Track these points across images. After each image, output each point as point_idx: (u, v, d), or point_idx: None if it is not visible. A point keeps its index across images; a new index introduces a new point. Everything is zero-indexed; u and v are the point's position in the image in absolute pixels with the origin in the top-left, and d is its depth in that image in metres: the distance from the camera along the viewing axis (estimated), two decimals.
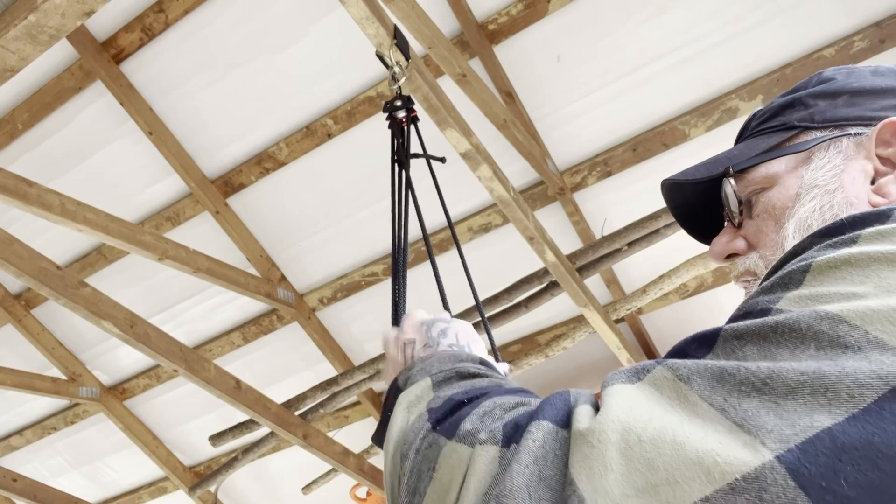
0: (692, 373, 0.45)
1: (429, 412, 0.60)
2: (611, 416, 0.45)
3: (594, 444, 0.44)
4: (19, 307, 4.56)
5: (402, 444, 0.60)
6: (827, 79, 0.79)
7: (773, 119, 0.80)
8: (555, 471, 0.46)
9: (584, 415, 0.48)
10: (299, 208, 3.88)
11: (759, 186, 0.76)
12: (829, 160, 0.73)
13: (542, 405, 0.52)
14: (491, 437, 0.51)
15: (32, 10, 1.52)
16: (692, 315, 3.85)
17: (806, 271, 0.50)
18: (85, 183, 3.83)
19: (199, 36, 3.42)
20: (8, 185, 2.49)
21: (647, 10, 3.05)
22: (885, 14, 2.89)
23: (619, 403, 0.46)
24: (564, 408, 0.50)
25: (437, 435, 0.56)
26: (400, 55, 1.86)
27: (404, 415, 0.63)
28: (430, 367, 0.70)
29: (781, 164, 0.76)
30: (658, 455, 0.42)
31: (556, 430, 0.48)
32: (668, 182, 0.86)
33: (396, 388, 0.72)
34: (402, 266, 1.22)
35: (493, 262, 3.67)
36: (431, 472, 0.54)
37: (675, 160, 3.33)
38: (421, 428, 0.59)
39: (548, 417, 0.50)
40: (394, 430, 0.63)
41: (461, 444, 0.53)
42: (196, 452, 5.07)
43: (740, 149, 0.81)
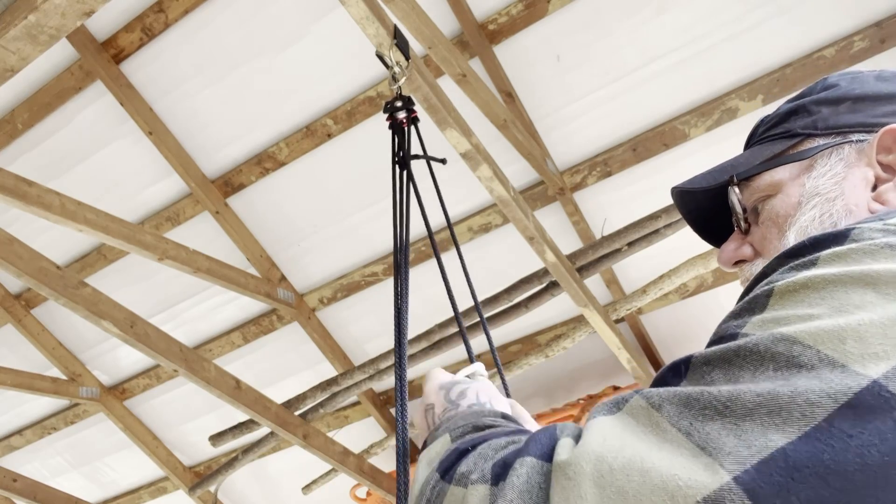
0: (663, 400, 0.47)
1: (439, 464, 0.62)
2: (586, 447, 0.47)
3: (570, 476, 0.46)
4: (19, 307, 4.56)
5: (419, 498, 0.62)
6: (831, 85, 0.80)
7: (778, 126, 0.81)
8: None
9: (563, 447, 0.50)
10: (299, 208, 3.87)
11: (764, 194, 0.77)
12: (830, 168, 0.73)
13: (527, 441, 0.54)
14: (481, 476, 0.54)
15: (32, 10, 1.52)
16: (692, 315, 3.85)
17: (769, 295, 0.52)
18: (85, 183, 3.83)
19: (199, 36, 3.42)
20: (8, 185, 2.48)
21: (647, 10, 3.05)
22: (885, 14, 2.89)
23: (594, 435, 0.48)
24: (549, 442, 0.52)
25: (444, 483, 0.59)
26: (400, 55, 1.86)
27: (424, 471, 0.66)
28: (452, 426, 0.71)
29: (785, 172, 0.76)
30: (627, 482, 0.43)
31: (540, 465, 0.50)
32: (678, 189, 0.87)
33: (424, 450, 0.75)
34: (403, 266, 1.22)
35: (493, 262, 3.67)
36: None
37: (675, 160, 3.33)
38: (431, 479, 0.61)
39: (532, 453, 0.51)
40: (416, 485, 0.65)
41: (457, 487, 0.56)
42: (196, 452, 5.07)
43: (746, 156, 0.82)
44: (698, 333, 3.87)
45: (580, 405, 3.93)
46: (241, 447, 4.34)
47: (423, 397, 0.87)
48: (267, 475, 5.10)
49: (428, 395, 0.86)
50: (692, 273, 3.17)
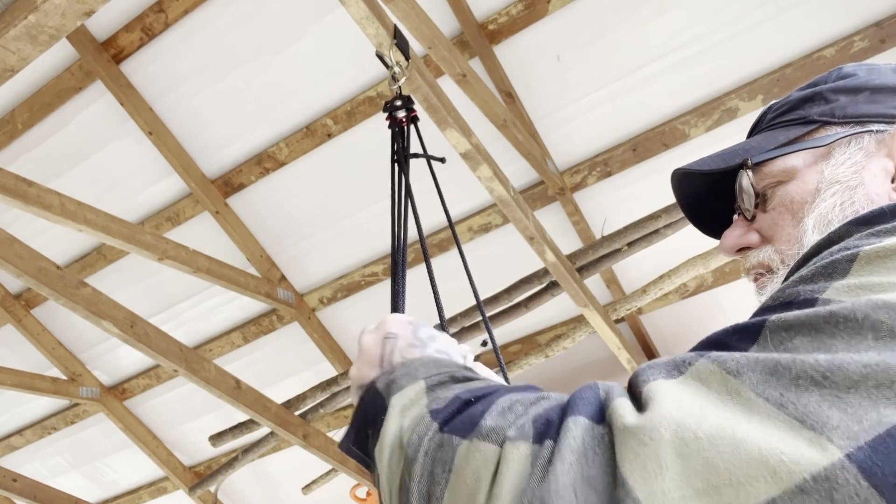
0: (742, 366, 0.43)
1: (431, 413, 0.56)
2: (662, 412, 0.43)
3: (646, 442, 0.42)
4: (19, 307, 4.56)
5: (404, 448, 0.56)
6: (848, 74, 0.78)
7: (791, 112, 0.79)
8: (598, 470, 0.43)
9: (625, 409, 0.45)
10: (299, 208, 3.88)
11: (776, 180, 0.76)
12: (849, 156, 0.72)
13: (573, 399, 0.49)
14: (521, 433, 0.48)
15: (32, 10, 1.52)
16: (692, 315, 3.85)
17: (852, 260, 0.48)
18: (85, 183, 3.83)
19: (199, 36, 3.42)
20: (8, 185, 2.49)
21: (647, 10, 3.05)
22: (885, 14, 2.89)
23: (667, 399, 0.44)
24: (596, 402, 0.48)
25: (447, 435, 0.53)
26: (400, 55, 1.86)
27: (398, 419, 0.59)
28: (417, 372, 0.65)
29: (800, 159, 0.75)
30: (717, 454, 0.40)
31: (591, 426, 0.46)
32: (681, 171, 0.84)
33: (374, 391, 0.66)
34: (401, 266, 1.22)
35: (493, 262, 3.67)
36: (447, 473, 0.50)
37: (675, 160, 3.33)
38: (426, 429, 0.55)
39: (582, 413, 0.47)
40: (388, 435, 0.59)
41: (485, 442, 0.50)
42: (196, 452, 5.07)
43: (758, 141, 0.79)
44: (698, 333, 3.87)
45: None
46: (241, 447, 4.34)
47: (382, 324, 0.77)
48: (267, 475, 5.10)
49: (390, 323, 0.77)
50: (692, 273, 3.17)
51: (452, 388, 0.60)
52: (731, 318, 3.74)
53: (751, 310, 0.86)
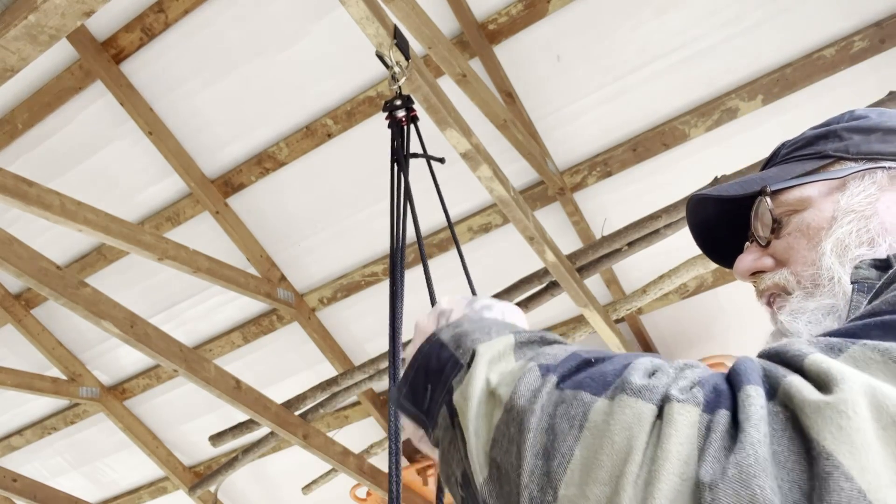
0: None
1: (541, 367, 0.51)
2: (856, 387, 0.40)
3: (851, 416, 0.39)
4: (19, 307, 4.56)
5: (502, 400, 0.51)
6: (860, 116, 0.83)
7: (806, 148, 0.84)
8: (782, 446, 0.41)
9: (805, 385, 0.42)
10: (299, 208, 3.87)
11: (792, 208, 0.80)
12: (864, 189, 0.76)
13: (739, 369, 0.46)
14: (689, 396, 0.44)
15: (32, 10, 1.52)
16: (692, 315, 3.85)
17: None
18: (85, 183, 3.83)
19: (199, 36, 3.42)
20: (8, 185, 2.49)
21: (647, 11, 3.05)
22: (885, 14, 2.88)
23: (850, 375, 0.41)
24: (762, 375, 0.45)
25: (572, 391, 0.48)
26: (400, 55, 1.86)
27: (485, 370, 0.54)
28: (491, 329, 0.60)
29: (815, 189, 0.79)
30: None
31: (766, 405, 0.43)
32: (698, 197, 0.87)
33: (438, 342, 0.62)
34: (400, 265, 1.22)
35: (493, 262, 3.67)
36: (577, 430, 0.46)
37: (675, 160, 3.33)
38: (539, 384, 0.50)
39: (755, 382, 0.44)
40: (474, 387, 0.53)
41: (635, 399, 0.45)
42: (196, 452, 5.07)
43: (774, 172, 0.84)
44: (698, 333, 3.87)
45: None
46: (241, 447, 4.34)
47: (437, 305, 0.75)
48: (267, 475, 5.10)
49: (443, 302, 0.74)
50: (692, 273, 3.17)
51: (553, 347, 0.56)
52: (731, 318, 3.74)
53: (751, 309, 0.86)
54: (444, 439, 0.57)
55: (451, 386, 0.56)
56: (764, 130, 3.13)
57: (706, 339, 3.85)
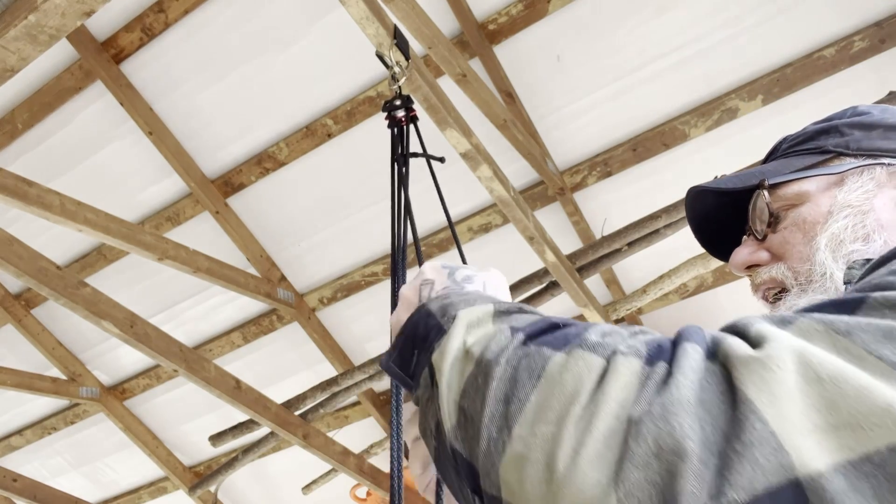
0: (851, 328, 0.44)
1: (511, 329, 0.55)
2: (784, 345, 0.43)
3: (773, 370, 0.42)
4: (19, 307, 4.56)
5: (473, 356, 0.55)
6: (862, 112, 0.84)
7: (807, 142, 0.85)
8: (713, 395, 0.43)
9: (743, 343, 0.45)
10: (299, 208, 3.88)
11: (790, 203, 0.80)
12: (861, 185, 0.77)
13: (684, 332, 0.49)
14: (632, 350, 0.48)
15: (32, 10, 1.52)
16: (692, 315, 3.85)
17: None
18: (85, 183, 3.83)
19: (199, 36, 3.42)
20: (8, 185, 2.49)
21: (647, 10, 3.05)
22: (885, 14, 2.88)
23: (786, 338, 0.44)
24: (707, 339, 0.48)
25: (536, 347, 0.52)
26: (400, 55, 1.86)
27: (462, 333, 0.58)
28: (475, 300, 0.64)
29: (813, 184, 0.80)
30: (840, 397, 0.40)
31: (705, 364, 0.46)
32: (696, 190, 0.88)
33: (426, 311, 0.65)
34: (401, 266, 1.22)
35: (493, 262, 3.66)
36: (535, 379, 0.49)
37: (675, 160, 3.33)
38: (507, 341, 0.54)
39: (695, 340, 0.47)
40: (451, 346, 0.58)
41: (589, 353, 0.49)
42: (196, 452, 5.07)
43: (774, 166, 0.85)
44: None
45: None
46: (241, 447, 4.34)
47: (419, 274, 0.78)
48: (267, 475, 5.10)
49: (426, 271, 0.77)
50: (692, 273, 3.17)
51: (528, 315, 0.59)
52: (731, 318, 3.73)
53: (750, 309, 0.86)
54: (423, 396, 0.61)
55: (433, 347, 0.60)
56: (764, 130, 3.13)
57: None
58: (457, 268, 0.78)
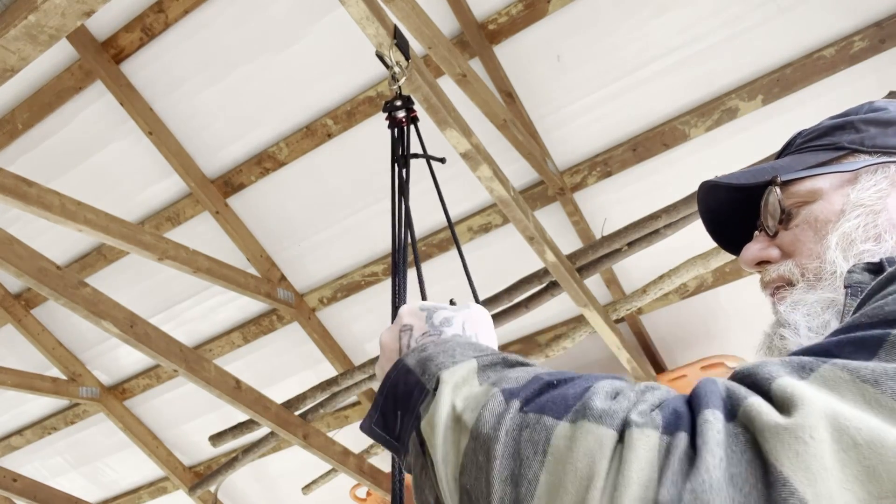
0: (878, 375, 0.42)
1: (504, 392, 0.52)
2: (816, 411, 0.40)
3: (807, 441, 0.39)
4: (19, 307, 4.56)
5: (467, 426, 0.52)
6: (879, 108, 0.83)
7: (821, 138, 0.83)
8: (741, 468, 0.41)
9: (767, 407, 0.43)
10: (299, 208, 3.88)
11: (802, 200, 0.79)
12: (875, 183, 0.76)
13: (701, 392, 0.46)
14: (647, 420, 0.45)
15: (32, 10, 1.52)
16: (692, 315, 3.85)
17: None
18: (85, 183, 3.83)
19: (199, 36, 3.41)
20: (8, 185, 2.49)
21: (647, 10, 3.05)
22: (885, 14, 2.88)
23: (815, 399, 0.41)
24: (724, 397, 0.45)
25: (534, 415, 0.49)
26: (400, 55, 1.86)
27: (450, 396, 0.55)
28: (455, 351, 0.62)
29: (826, 181, 0.78)
30: (880, 463, 0.38)
31: (726, 426, 0.43)
32: (709, 184, 0.88)
33: (405, 368, 0.63)
34: (401, 266, 1.22)
35: (493, 262, 3.67)
36: (541, 455, 0.46)
37: (675, 160, 3.33)
38: (503, 408, 0.51)
39: (717, 407, 0.44)
40: (440, 414, 0.55)
41: (597, 425, 0.46)
42: (196, 452, 5.07)
43: (787, 161, 0.83)
44: (698, 333, 3.87)
45: None
46: (241, 447, 4.34)
47: (398, 319, 0.77)
48: (267, 475, 5.10)
49: (404, 316, 0.76)
50: (692, 273, 3.17)
51: (515, 369, 0.57)
52: (731, 318, 3.74)
53: (751, 309, 0.86)
54: (415, 465, 0.59)
55: (419, 412, 0.57)
56: (764, 130, 3.13)
57: (706, 339, 3.84)
58: (435, 309, 0.76)
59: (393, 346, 0.74)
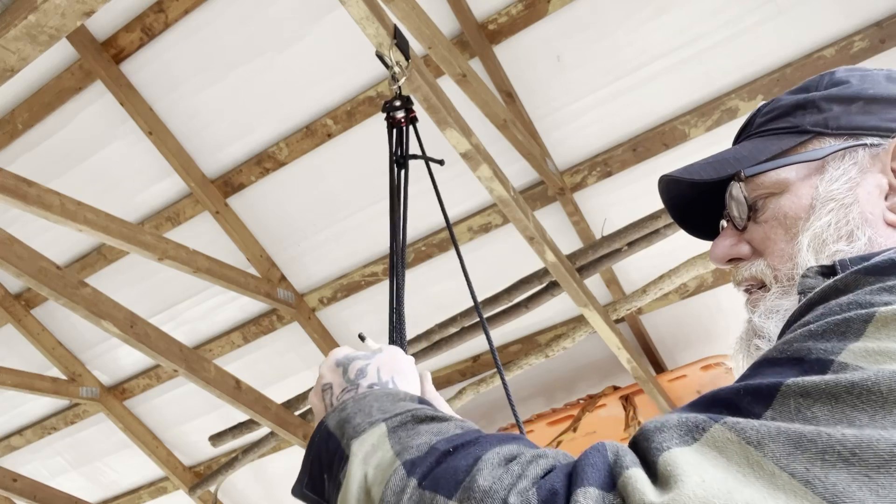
0: (763, 437, 0.41)
1: (406, 465, 0.53)
2: (686, 490, 0.40)
3: None
4: (19, 307, 4.56)
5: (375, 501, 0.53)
6: (840, 81, 0.77)
7: (782, 119, 0.78)
8: None
9: (643, 483, 0.43)
10: (299, 208, 3.88)
11: (768, 191, 0.75)
12: (844, 171, 0.71)
13: (580, 466, 0.46)
14: (523, 501, 0.45)
15: (32, 10, 1.52)
16: (692, 315, 3.85)
17: (868, 321, 0.46)
18: (85, 183, 3.83)
19: (199, 36, 3.42)
20: (8, 185, 2.49)
21: (647, 10, 3.05)
22: (885, 14, 2.88)
23: (690, 474, 0.41)
24: (605, 467, 0.45)
25: (429, 493, 0.50)
26: (400, 55, 1.86)
27: (361, 467, 0.56)
28: (371, 410, 0.63)
29: (792, 171, 0.74)
30: None
31: (602, 497, 0.43)
32: (668, 178, 0.84)
33: (326, 430, 0.64)
34: (400, 266, 1.22)
35: (493, 262, 3.67)
36: None
37: (675, 160, 3.33)
38: (402, 485, 0.52)
39: (592, 482, 0.44)
40: (352, 486, 0.56)
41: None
42: (196, 452, 5.07)
43: (749, 149, 0.78)
44: (698, 333, 3.87)
45: (580, 405, 3.93)
46: (241, 447, 4.34)
47: (319, 377, 0.78)
48: (267, 475, 5.10)
49: (324, 374, 0.77)
50: (692, 273, 3.17)
51: (420, 433, 0.57)
52: (731, 318, 3.74)
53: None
54: None
55: (339, 481, 0.59)
56: None
57: (706, 339, 3.85)
58: (350, 361, 0.77)
59: (319, 408, 0.75)
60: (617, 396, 3.88)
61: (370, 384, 0.73)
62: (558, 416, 3.98)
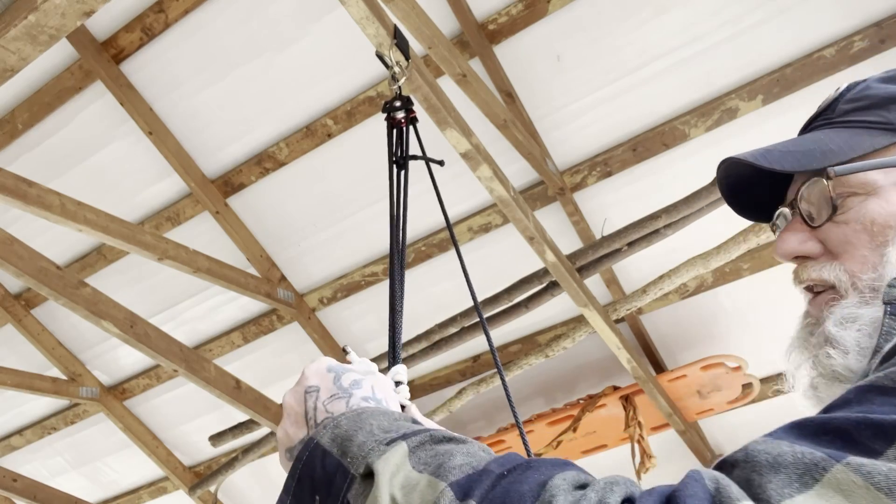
0: (893, 482, 0.38)
1: (453, 487, 0.49)
2: None
3: None
4: (19, 307, 4.56)
5: None
6: None
7: (873, 111, 0.71)
8: None
9: None
10: (299, 208, 3.87)
11: (853, 191, 0.68)
12: None
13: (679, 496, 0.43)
14: None
15: (32, 10, 1.52)
16: (692, 315, 3.85)
17: None
18: (85, 183, 3.83)
19: (199, 36, 3.41)
20: (8, 185, 2.49)
21: (647, 10, 3.05)
22: (885, 14, 2.88)
23: None
24: (707, 500, 0.42)
25: None
26: (400, 55, 1.86)
27: (387, 488, 0.52)
28: (372, 429, 0.59)
29: (882, 174, 0.67)
30: None
31: None
32: (737, 161, 0.76)
33: (320, 450, 0.60)
34: (400, 266, 1.22)
35: (493, 262, 3.67)
36: None
37: (675, 160, 3.33)
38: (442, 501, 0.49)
39: None
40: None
41: None
42: (196, 452, 5.07)
43: (838, 143, 0.70)
44: (698, 333, 3.87)
45: (580, 405, 3.93)
46: (241, 447, 4.34)
47: (302, 378, 0.73)
48: (267, 475, 5.10)
49: (309, 376, 0.73)
50: (692, 273, 3.17)
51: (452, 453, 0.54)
52: (731, 318, 3.74)
53: (751, 310, 0.85)
54: None
55: (348, 500, 0.55)
56: (764, 130, 3.13)
57: (706, 339, 3.84)
58: (343, 371, 0.73)
59: (298, 409, 0.70)
60: (617, 396, 3.88)
61: (364, 397, 0.70)
62: (558, 416, 3.98)
